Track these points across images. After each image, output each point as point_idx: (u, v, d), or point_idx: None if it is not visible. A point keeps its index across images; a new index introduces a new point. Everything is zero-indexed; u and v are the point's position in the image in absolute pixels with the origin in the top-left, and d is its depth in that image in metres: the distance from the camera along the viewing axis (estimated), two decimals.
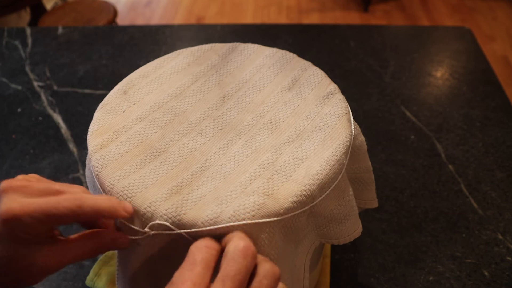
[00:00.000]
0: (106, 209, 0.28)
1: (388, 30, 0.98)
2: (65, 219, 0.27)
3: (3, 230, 0.26)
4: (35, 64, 0.90)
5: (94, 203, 0.27)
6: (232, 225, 0.29)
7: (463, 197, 0.61)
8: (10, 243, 0.26)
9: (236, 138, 0.36)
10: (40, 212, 0.26)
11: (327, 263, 0.53)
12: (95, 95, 0.82)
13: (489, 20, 2.34)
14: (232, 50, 0.47)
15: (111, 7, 1.67)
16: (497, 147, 0.67)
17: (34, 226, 0.26)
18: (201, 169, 0.34)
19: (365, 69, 0.84)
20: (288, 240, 0.33)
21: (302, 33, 0.96)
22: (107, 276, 0.52)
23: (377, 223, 0.58)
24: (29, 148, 0.72)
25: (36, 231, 0.27)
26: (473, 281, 0.51)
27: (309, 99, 0.40)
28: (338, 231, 0.37)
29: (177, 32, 0.99)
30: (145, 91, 0.41)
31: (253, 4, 2.63)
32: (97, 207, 0.28)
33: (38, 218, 0.26)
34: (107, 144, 0.35)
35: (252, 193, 0.31)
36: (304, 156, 0.34)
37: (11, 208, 0.26)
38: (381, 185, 0.62)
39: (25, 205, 0.26)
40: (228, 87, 0.42)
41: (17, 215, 0.26)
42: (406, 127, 0.72)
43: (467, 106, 0.75)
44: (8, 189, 0.27)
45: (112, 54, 0.91)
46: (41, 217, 0.26)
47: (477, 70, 0.83)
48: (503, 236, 0.56)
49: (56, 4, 2.37)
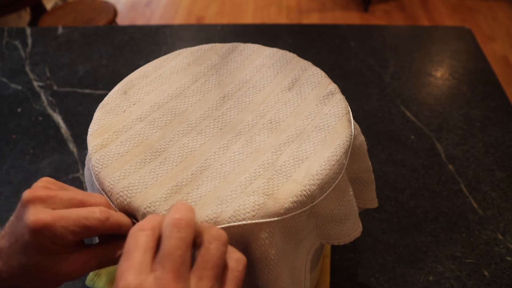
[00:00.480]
0: (128, 224, 0.29)
1: (388, 30, 0.98)
2: (94, 230, 0.27)
3: (31, 240, 0.26)
4: (35, 64, 0.90)
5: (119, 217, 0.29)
6: (232, 225, 0.29)
7: (463, 197, 0.61)
8: (37, 253, 0.27)
9: (236, 138, 0.36)
10: (72, 224, 0.26)
11: (327, 263, 0.53)
12: (95, 95, 0.82)
13: (489, 20, 2.34)
14: (232, 50, 0.47)
15: (111, 7, 1.67)
16: (497, 147, 0.67)
17: (64, 237, 0.26)
18: (201, 168, 0.34)
19: (365, 69, 0.84)
20: (288, 240, 0.33)
21: (302, 33, 0.96)
22: (107, 276, 0.52)
23: (377, 223, 0.58)
24: (29, 148, 0.72)
25: (64, 242, 0.27)
26: (473, 281, 0.51)
27: (309, 99, 0.40)
28: (338, 231, 0.37)
29: (177, 32, 0.99)
30: (145, 91, 0.41)
31: (253, 4, 2.63)
32: (121, 221, 0.29)
33: (69, 229, 0.26)
34: (107, 144, 0.35)
35: (252, 193, 0.31)
36: (304, 156, 0.34)
37: (41, 219, 0.26)
38: (381, 185, 0.62)
39: (55, 216, 0.26)
40: (228, 87, 0.42)
41: (48, 225, 0.26)
42: (406, 127, 0.72)
43: (467, 106, 0.75)
44: (34, 199, 0.27)
45: (112, 54, 0.91)
46: (73, 228, 0.26)
47: (477, 70, 0.83)
48: (503, 236, 0.56)
49: (56, 4, 2.37)
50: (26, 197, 0.27)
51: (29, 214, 0.26)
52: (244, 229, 0.29)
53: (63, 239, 0.27)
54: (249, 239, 0.30)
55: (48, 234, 0.26)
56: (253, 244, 0.30)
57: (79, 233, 0.27)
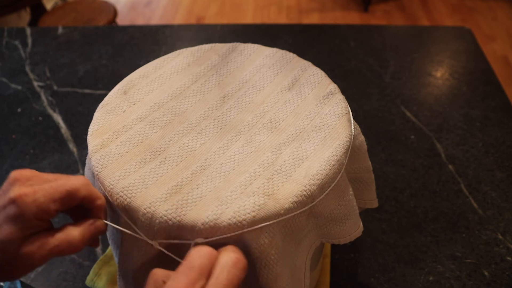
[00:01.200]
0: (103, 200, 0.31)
1: (388, 30, 0.98)
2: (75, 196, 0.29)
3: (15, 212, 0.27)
4: (35, 64, 0.90)
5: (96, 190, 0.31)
6: (232, 226, 0.29)
7: (463, 197, 0.61)
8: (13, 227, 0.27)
9: (236, 138, 0.36)
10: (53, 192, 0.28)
11: (327, 263, 0.53)
12: (95, 95, 0.82)
13: (489, 20, 2.34)
14: (232, 50, 0.47)
15: (111, 7, 1.67)
16: (497, 147, 0.67)
17: (47, 207, 0.27)
18: (201, 168, 0.34)
19: (365, 69, 0.84)
20: (288, 240, 0.33)
21: (302, 33, 0.96)
22: (107, 276, 0.52)
23: (377, 223, 0.58)
24: (29, 148, 0.72)
25: (47, 213, 0.28)
26: (473, 281, 0.51)
27: (309, 99, 0.40)
28: (339, 231, 0.37)
29: (177, 32, 0.99)
30: (145, 91, 0.41)
31: (253, 4, 2.63)
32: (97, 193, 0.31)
33: (51, 196, 0.28)
34: (107, 144, 0.35)
35: (252, 193, 0.31)
36: (304, 156, 0.34)
37: (24, 191, 0.27)
38: (381, 185, 0.62)
39: (37, 188, 0.28)
40: (228, 87, 0.42)
41: (31, 193, 0.27)
42: (406, 127, 0.72)
43: (467, 106, 0.75)
44: (21, 178, 0.29)
45: (112, 54, 0.91)
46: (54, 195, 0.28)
47: (477, 70, 0.83)
48: (503, 236, 0.56)
49: (56, 4, 2.37)
50: (14, 176, 0.29)
51: (15, 189, 0.28)
52: (244, 230, 0.29)
53: (46, 210, 0.27)
54: (249, 240, 0.30)
55: (31, 204, 0.27)
56: (253, 244, 0.30)
57: (61, 200, 0.28)
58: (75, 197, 0.29)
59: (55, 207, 0.28)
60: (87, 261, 0.55)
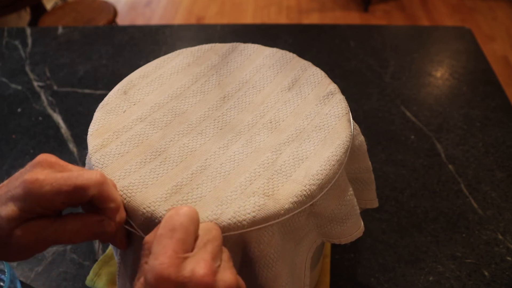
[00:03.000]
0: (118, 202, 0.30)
1: (388, 30, 0.98)
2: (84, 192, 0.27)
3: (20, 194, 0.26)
4: (35, 64, 0.90)
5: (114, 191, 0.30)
6: (232, 226, 0.29)
7: (463, 197, 0.61)
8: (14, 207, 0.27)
9: (236, 138, 0.36)
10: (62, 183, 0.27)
11: (327, 263, 0.53)
12: (95, 95, 0.82)
13: (489, 20, 2.34)
14: (232, 50, 0.47)
15: (111, 7, 1.67)
16: (497, 147, 0.67)
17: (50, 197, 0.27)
18: (201, 168, 0.34)
19: (365, 69, 0.84)
20: (288, 239, 0.33)
21: (302, 33, 0.96)
22: (107, 276, 0.52)
23: (377, 223, 0.58)
24: (29, 148, 0.72)
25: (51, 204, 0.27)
26: (473, 281, 0.51)
27: (309, 99, 0.40)
28: (340, 230, 0.37)
29: (177, 32, 0.99)
30: (146, 91, 0.41)
31: (253, 4, 2.63)
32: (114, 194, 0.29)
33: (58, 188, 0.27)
34: (107, 144, 0.35)
35: (252, 193, 0.31)
36: (304, 156, 0.34)
37: (36, 176, 0.27)
38: (381, 185, 0.62)
39: (49, 176, 0.27)
40: (228, 87, 0.42)
41: (38, 180, 0.26)
42: (406, 127, 0.72)
43: (467, 106, 0.75)
44: (42, 162, 0.28)
45: (112, 54, 0.91)
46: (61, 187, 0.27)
47: (477, 70, 0.83)
48: (503, 236, 0.56)
49: (56, 4, 2.37)
50: (39, 159, 0.28)
51: (31, 172, 0.27)
52: (244, 230, 0.29)
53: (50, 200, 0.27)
54: (248, 240, 0.30)
55: (36, 191, 0.26)
56: (253, 243, 0.30)
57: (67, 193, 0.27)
58: (83, 194, 0.27)
59: (60, 199, 0.27)
60: (87, 261, 0.55)
